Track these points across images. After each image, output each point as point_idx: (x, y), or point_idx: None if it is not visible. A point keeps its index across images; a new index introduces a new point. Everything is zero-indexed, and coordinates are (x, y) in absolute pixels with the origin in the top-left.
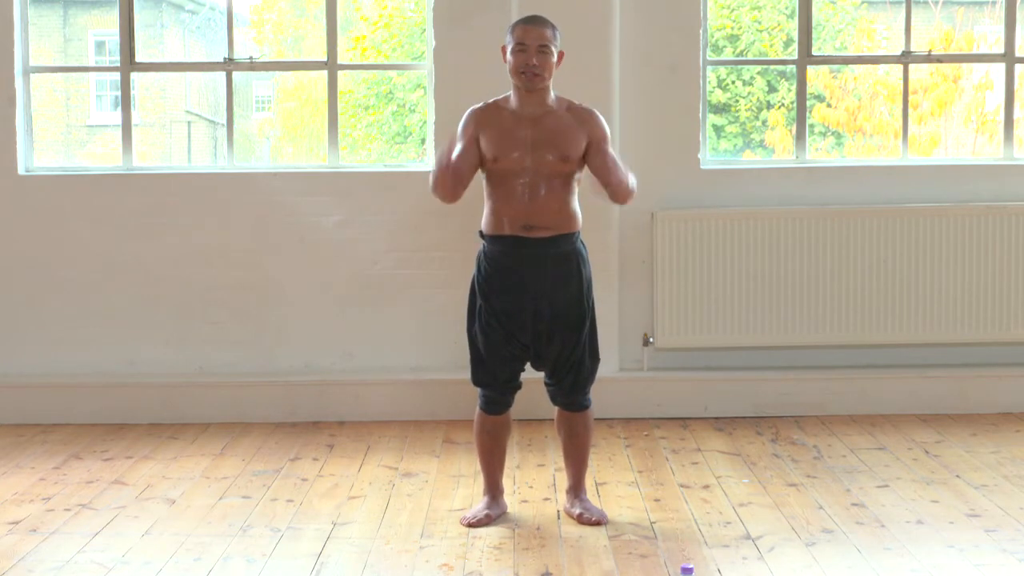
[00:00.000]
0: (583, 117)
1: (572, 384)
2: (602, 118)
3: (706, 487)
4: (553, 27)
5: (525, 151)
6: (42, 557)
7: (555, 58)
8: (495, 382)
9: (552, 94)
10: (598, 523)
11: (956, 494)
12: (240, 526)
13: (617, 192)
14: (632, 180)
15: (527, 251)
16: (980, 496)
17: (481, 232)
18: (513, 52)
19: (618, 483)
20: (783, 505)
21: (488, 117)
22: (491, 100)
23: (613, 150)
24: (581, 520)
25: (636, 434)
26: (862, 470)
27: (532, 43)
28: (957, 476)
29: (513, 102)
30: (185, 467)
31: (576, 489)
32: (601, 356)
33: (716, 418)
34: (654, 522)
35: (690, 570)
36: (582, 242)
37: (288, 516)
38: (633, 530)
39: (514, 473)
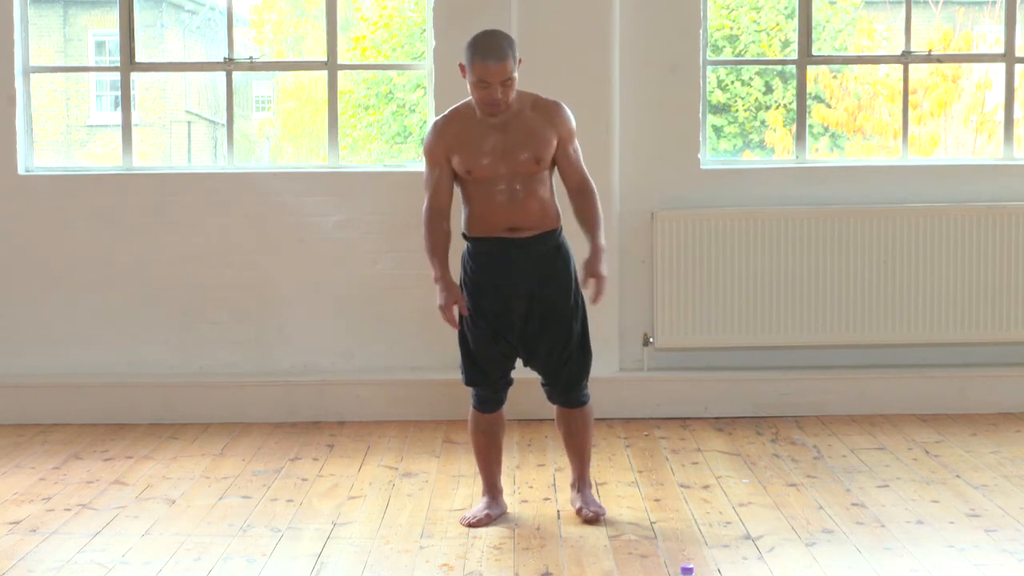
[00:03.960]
0: (550, 114)
1: (567, 381)
2: (568, 112)
3: (706, 487)
4: (512, 50)
5: (497, 157)
6: (42, 557)
7: (516, 74)
8: (486, 381)
9: (513, 93)
10: (596, 516)
11: (956, 494)
12: (240, 526)
13: (580, 196)
14: (591, 185)
15: (512, 251)
16: (980, 496)
17: (464, 234)
18: (475, 86)
19: (618, 483)
20: (783, 505)
21: (454, 131)
22: (455, 108)
23: (578, 148)
24: (580, 515)
25: (636, 434)
26: (862, 470)
27: (495, 80)
28: (957, 476)
29: (479, 110)
30: (185, 467)
31: (579, 483)
32: (601, 356)
33: (716, 418)
34: (654, 522)
35: (690, 570)
36: (565, 237)
37: (288, 516)
38: (633, 530)
39: (514, 473)
